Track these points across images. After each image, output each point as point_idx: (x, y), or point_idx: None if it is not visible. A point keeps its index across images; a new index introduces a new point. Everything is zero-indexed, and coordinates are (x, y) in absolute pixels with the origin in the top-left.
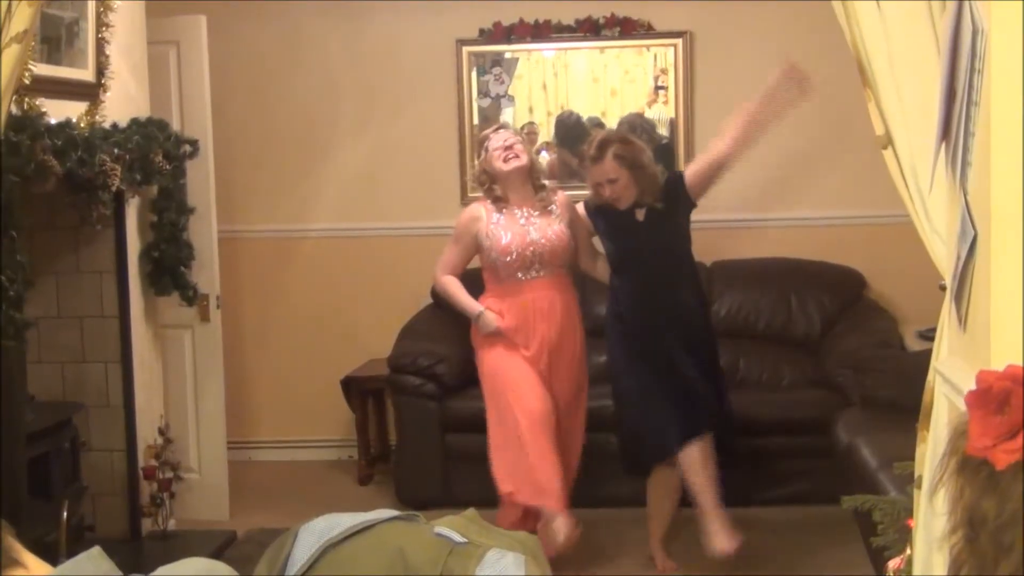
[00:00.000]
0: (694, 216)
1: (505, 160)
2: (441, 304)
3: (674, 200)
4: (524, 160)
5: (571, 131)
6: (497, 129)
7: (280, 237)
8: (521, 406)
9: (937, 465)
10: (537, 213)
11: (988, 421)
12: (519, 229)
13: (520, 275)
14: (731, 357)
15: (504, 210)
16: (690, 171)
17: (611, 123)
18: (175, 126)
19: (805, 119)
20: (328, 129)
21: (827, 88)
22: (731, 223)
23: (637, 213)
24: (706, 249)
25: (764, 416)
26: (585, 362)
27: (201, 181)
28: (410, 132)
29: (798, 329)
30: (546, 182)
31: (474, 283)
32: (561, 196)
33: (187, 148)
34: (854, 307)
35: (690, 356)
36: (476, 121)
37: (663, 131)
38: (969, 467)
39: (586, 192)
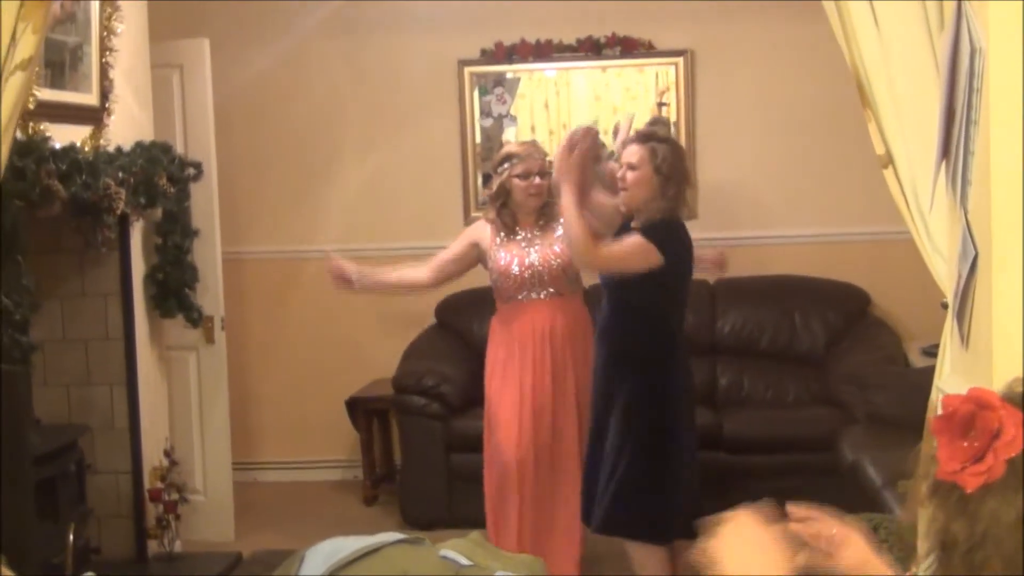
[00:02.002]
0: (701, 233)
1: (528, 195)
2: (445, 324)
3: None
4: (544, 199)
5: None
6: (524, 158)
7: (284, 258)
8: (509, 452)
9: (911, 490)
10: (539, 232)
11: (955, 445)
12: (519, 251)
13: (520, 296)
14: (735, 375)
15: (506, 227)
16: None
17: (611, 140)
18: (179, 149)
19: (807, 137)
20: (331, 150)
21: (828, 106)
22: (734, 240)
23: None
24: None
25: (768, 433)
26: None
27: (205, 203)
28: (413, 152)
29: (802, 346)
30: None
31: (486, 303)
32: None
33: (191, 171)
34: (858, 324)
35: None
36: (479, 140)
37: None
38: (940, 491)
39: None
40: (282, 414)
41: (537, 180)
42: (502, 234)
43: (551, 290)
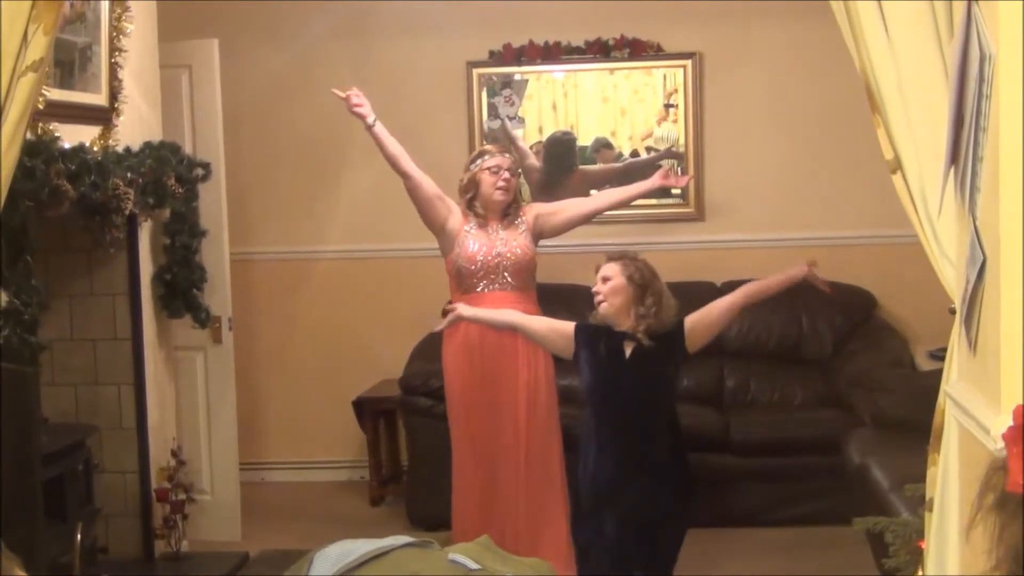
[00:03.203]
0: (708, 236)
1: (495, 187)
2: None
3: (668, 348)
4: (511, 196)
5: (558, 146)
6: (496, 154)
7: (292, 259)
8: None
9: (973, 502)
10: (504, 228)
11: None
12: (488, 240)
13: (481, 287)
14: (742, 377)
15: (478, 218)
16: (690, 321)
17: (621, 143)
18: (187, 149)
19: (815, 140)
20: (339, 151)
21: (836, 109)
22: (742, 243)
23: (626, 348)
24: (717, 270)
25: (775, 436)
26: (553, 385)
27: (213, 204)
28: (421, 154)
29: (809, 349)
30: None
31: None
32: (528, 210)
33: (199, 171)
34: (865, 327)
35: (638, 516)
36: (486, 142)
37: (662, 146)
38: (1010, 504)
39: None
40: (289, 414)
41: (506, 175)
42: (473, 223)
43: (512, 282)
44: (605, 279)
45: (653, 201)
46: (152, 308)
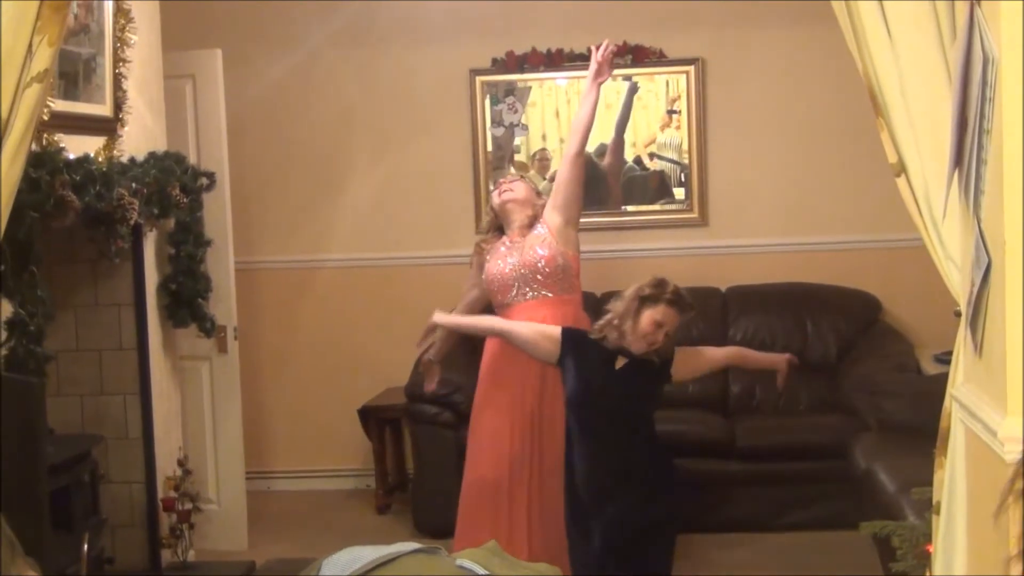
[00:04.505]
0: (712, 241)
1: (500, 194)
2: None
3: (658, 368)
4: (515, 193)
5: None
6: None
7: (296, 268)
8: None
9: (1003, 488)
10: (521, 236)
11: None
12: (503, 254)
13: (509, 299)
14: (747, 383)
15: (503, 238)
16: (682, 353)
17: (624, 149)
18: (192, 159)
19: (818, 144)
20: (343, 160)
21: (839, 113)
22: (747, 248)
23: (618, 360)
24: (721, 274)
25: (781, 441)
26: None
27: (218, 213)
28: (424, 162)
29: (814, 353)
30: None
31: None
32: (543, 215)
33: (204, 181)
34: (870, 331)
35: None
36: (490, 149)
37: (672, 154)
38: None
39: None
40: (295, 423)
41: (503, 185)
42: (495, 244)
43: (543, 292)
44: (660, 324)
45: (656, 207)
46: (157, 318)
